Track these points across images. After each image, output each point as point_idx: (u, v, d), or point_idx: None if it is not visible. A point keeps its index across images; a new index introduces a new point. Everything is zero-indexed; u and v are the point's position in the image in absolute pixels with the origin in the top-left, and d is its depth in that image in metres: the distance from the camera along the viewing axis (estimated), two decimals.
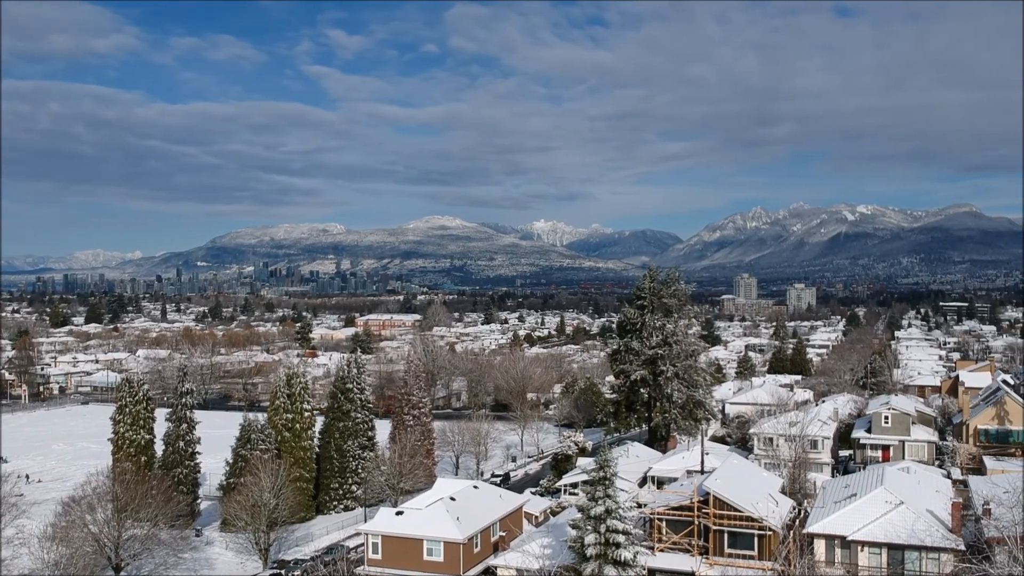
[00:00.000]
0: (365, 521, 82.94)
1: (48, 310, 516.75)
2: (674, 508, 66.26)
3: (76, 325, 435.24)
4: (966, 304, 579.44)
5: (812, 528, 63.12)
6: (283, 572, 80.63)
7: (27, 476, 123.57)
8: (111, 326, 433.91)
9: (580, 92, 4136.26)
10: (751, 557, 63.18)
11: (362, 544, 76.53)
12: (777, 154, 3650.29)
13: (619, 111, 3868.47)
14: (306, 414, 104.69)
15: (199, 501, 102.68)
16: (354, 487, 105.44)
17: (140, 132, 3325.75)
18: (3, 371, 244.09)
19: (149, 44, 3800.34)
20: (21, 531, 67.24)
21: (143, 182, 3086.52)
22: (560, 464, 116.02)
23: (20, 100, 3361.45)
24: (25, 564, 67.21)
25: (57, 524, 72.74)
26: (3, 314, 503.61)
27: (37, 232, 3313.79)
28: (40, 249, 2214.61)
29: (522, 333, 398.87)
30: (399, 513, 72.50)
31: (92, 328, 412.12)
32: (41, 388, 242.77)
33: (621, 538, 57.55)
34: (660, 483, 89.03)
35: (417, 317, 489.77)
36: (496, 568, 67.95)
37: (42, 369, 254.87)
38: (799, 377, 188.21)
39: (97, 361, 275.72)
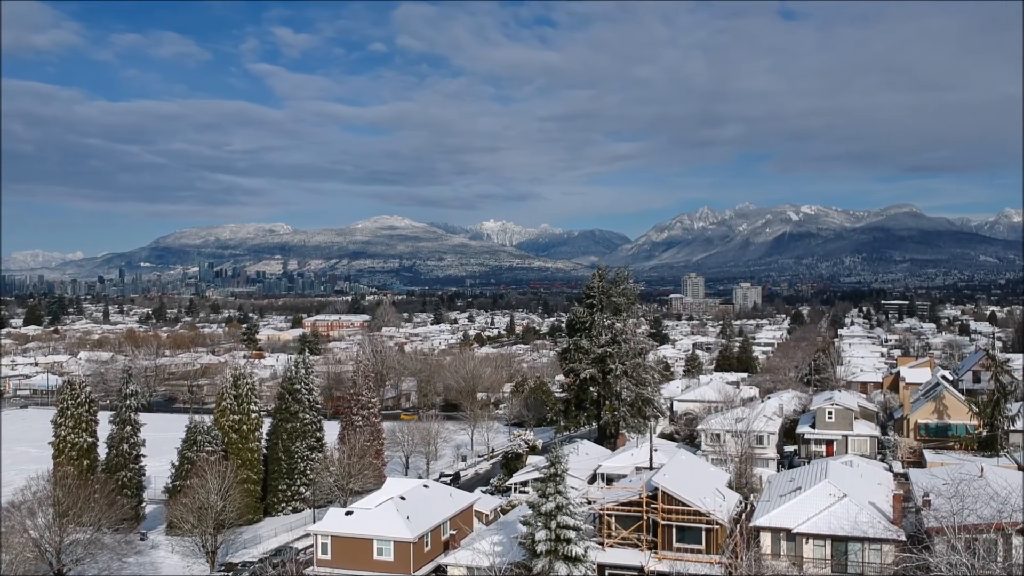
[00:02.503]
0: (314, 522, 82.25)
1: None
2: (623, 504, 66.83)
3: (14, 327, 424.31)
4: (907, 302, 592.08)
5: (758, 521, 64.07)
6: (231, 575, 79.67)
7: None
8: (51, 328, 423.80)
9: (529, 92, 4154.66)
10: (699, 551, 64.00)
11: (311, 545, 75.93)
12: (723, 155, 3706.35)
13: (568, 112, 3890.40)
14: (253, 415, 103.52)
15: (144, 504, 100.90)
16: (303, 488, 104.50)
17: (81, 130, 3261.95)
18: None
19: (90, 40, 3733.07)
20: None
21: (84, 181, 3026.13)
22: (510, 463, 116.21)
23: None
24: None
25: None
26: None
27: None
28: None
29: (472, 333, 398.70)
30: (349, 513, 72.09)
31: (31, 330, 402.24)
32: None
33: (572, 534, 57.86)
34: (610, 480, 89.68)
35: (366, 318, 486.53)
36: (447, 567, 67.87)
37: None
38: (745, 374, 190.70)
39: (37, 364, 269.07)
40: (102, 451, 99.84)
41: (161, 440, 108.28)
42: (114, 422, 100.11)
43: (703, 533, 64.35)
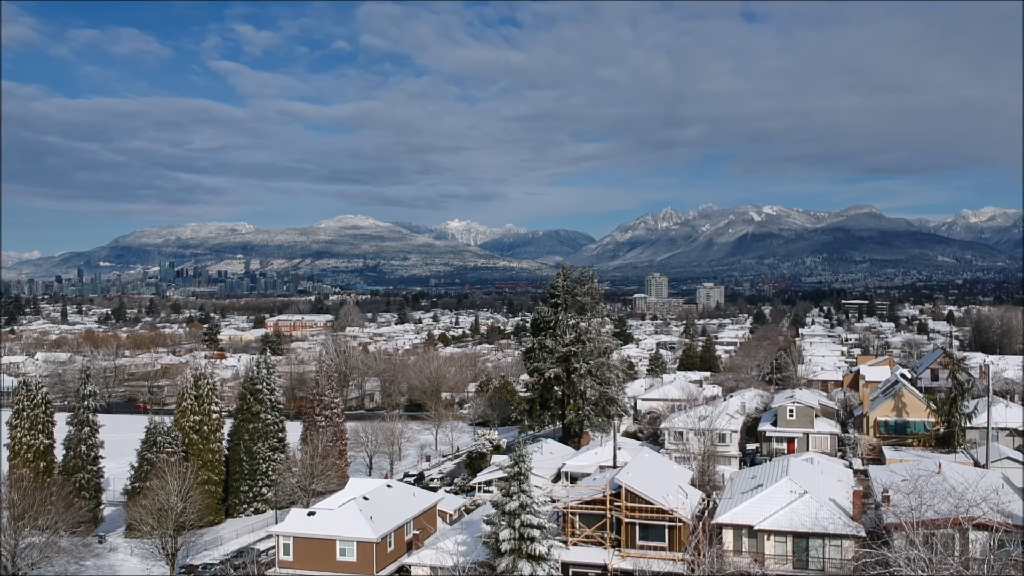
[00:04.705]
0: (276, 523, 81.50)
1: None
2: (587, 502, 66.97)
3: None
4: (866, 302, 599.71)
5: (721, 518, 64.49)
6: None
7: None
8: (7, 328, 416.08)
9: (494, 92, 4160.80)
10: (662, 548, 64.29)
11: (273, 546, 75.36)
12: (687, 156, 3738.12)
13: (532, 112, 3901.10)
14: (214, 416, 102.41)
15: (102, 507, 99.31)
16: (264, 489, 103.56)
17: (38, 127, 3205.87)
18: None
19: (47, 36, 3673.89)
20: None
21: (42, 180, 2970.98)
22: (475, 462, 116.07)
23: None
24: None
25: None
26: None
27: None
28: None
29: (436, 333, 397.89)
30: (311, 514, 71.58)
31: None
32: None
33: (536, 532, 57.86)
34: (574, 478, 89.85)
35: (329, 317, 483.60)
36: (410, 567, 67.61)
37: None
38: (708, 373, 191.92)
39: None
40: (59, 453, 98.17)
41: (120, 441, 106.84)
42: (72, 423, 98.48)
43: (666, 530, 64.65)
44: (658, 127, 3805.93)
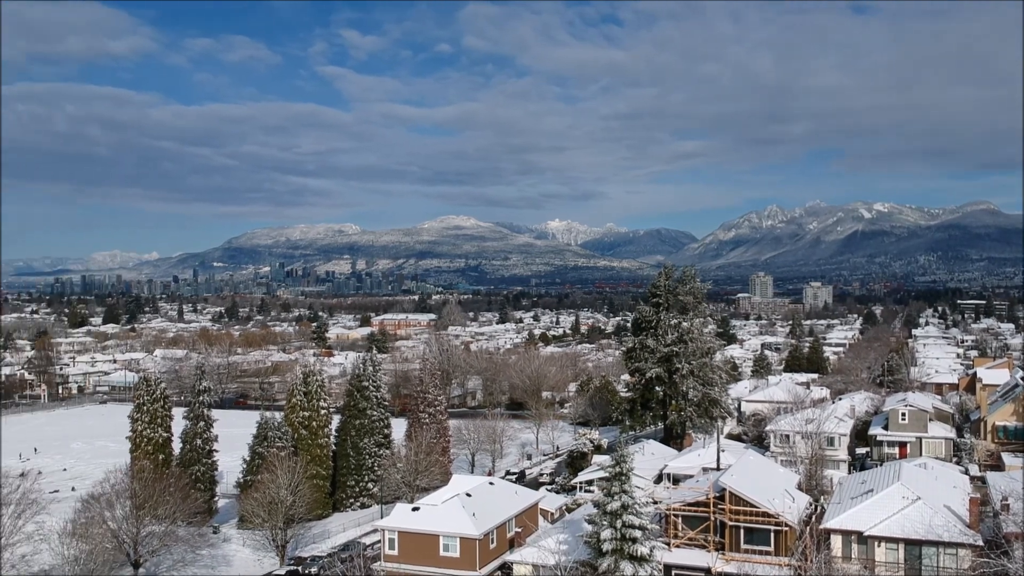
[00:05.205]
0: (382, 518, 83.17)
1: (66, 311, 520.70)
2: (690, 504, 66.27)
3: (94, 326, 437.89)
4: (984, 302, 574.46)
5: (829, 524, 62.95)
6: (300, 569, 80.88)
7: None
8: (128, 326, 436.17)
9: (594, 91, 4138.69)
10: (767, 553, 63.12)
11: (379, 540, 76.81)
12: (792, 152, 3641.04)
13: (632, 110, 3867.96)
14: (322, 412, 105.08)
15: (216, 498, 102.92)
16: (370, 484, 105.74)
17: (154, 134, 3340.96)
18: (22, 371, 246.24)
19: (164, 46, 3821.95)
20: (41, 527, 67.80)
21: (158, 183, 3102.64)
22: (575, 462, 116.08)
23: (36, 103, 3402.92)
24: (45, 560, 67.82)
25: (77, 521, 73.11)
26: (22, 315, 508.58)
27: (55, 234, 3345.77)
28: (58, 251, 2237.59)
29: (537, 332, 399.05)
30: (415, 509, 72.78)
31: (110, 328, 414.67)
32: (60, 388, 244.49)
33: (637, 533, 57.57)
34: (676, 480, 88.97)
35: (432, 317, 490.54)
36: (512, 564, 68.09)
37: (61, 369, 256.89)
38: (816, 375, 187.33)
39: (115, 361, 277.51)
40: (177, 446, 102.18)
41: (233, 436, 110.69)
42: (188, 418, 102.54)
43: (772, 535, 63.45)
44: (761, 123, 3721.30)
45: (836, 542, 62.20)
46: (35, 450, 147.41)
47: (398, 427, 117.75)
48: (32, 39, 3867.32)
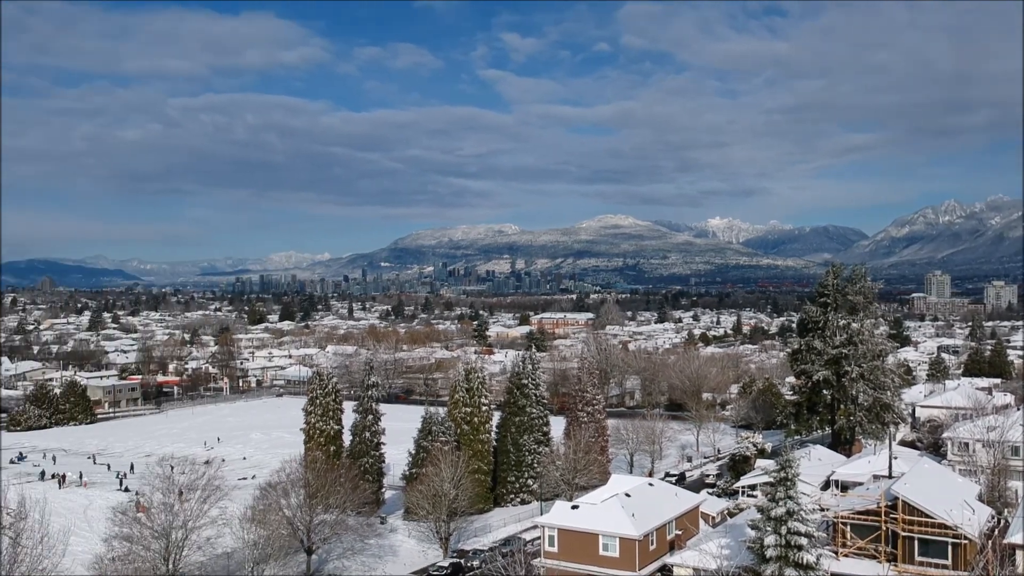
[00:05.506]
0: (541, 515, 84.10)
1: (246, 309, 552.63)
2: (860, 512, 63.78)
3: (271, 323, 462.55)
4: None
5: (1013, 538, 59.10)
6: (462, 562, 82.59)
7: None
8: (302, 324, 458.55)
9: (756, 85, 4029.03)
10: (944, 567, 59.99)
11: (538, 537, 77.72)
12: (971, 143, 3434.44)
13: (797, 102, 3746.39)
14: (484, 408, 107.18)
15: (384, 490, 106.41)
16: (530, 481, 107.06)
17: (326, 140, 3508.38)
18: (207, 365, 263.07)
19: (334, 55, 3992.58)
20: (224, 512, 72.13)
21: (330, 187, 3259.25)
22: (738, 465, 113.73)
23: (218, 113, 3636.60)
24: (227, 543, 71.97)
25: (255, 507, 77.30)
26: (207, 312, 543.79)
27: (236, 236, 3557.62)
28: (239, 252, 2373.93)
29: (697, 332, 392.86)
30: (575, 507, 73.21)
31: (285, 325, 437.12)
32: (240, 381, 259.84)
33: (803, 540, 55.89)
34: (844, 487, 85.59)
35: (590, 316, 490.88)
36: (672, 566, 67.51)
37: (241, 363, 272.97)
38: (998, 380, 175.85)
39: (290, 356, 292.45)
40: (347, 438, 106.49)
41: (398, 430, 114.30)
42: (357, 411, 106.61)
43: (949, 547, 60.21)
44: (937, 113, 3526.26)
45: (1021, 558, 58.35)
46: (218, 439, 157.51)
47: (557, 425, 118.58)
48: (216, 53, 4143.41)
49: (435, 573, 79.89)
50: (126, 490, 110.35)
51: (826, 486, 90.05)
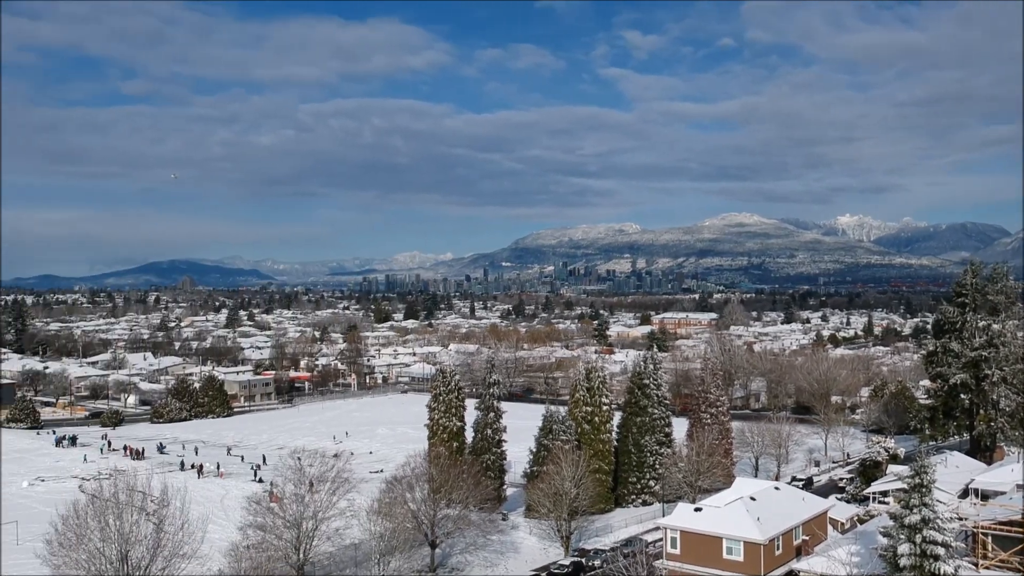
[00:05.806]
0: (663, 516, 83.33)
1: (373, 307, 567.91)
2: (1002, 523, 60.67)
3: (396, 321, 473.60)
4: None
5: None
6: (583, 560, 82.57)
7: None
8: (426, 322, 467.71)
9: (888, 77, 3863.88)
10: None
11: (660, 539, 77.00)
12: None
13: (932, 94, 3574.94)
14: (604, 408, 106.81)
15: (505, 487, 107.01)
16: (651, 482, 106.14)
17: (449, 142, 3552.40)
18: (335, 361, 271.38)
19: (457, 58, 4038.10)
20: (352, 504, 74.33)
21: (453, 188, 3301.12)
22: (868, 470, 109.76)
23: (347, 118, 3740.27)
24: (355, 534, 74.20)
25: (382, 500, 79.34)
26: (335, 311, 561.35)
27: (363, 237, 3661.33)
28: (366, 252, 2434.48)
29: (825, 333, 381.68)
30: (698, 510, 72.30)
31: (410, 324, 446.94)
32: (367, 377, 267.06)
33: (940, 550, 53.60)
34: (984, 496, 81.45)
35: (713, 316, 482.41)
36: (799, 572, 65.90)
37: (368, 360, 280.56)
38: None
39: (414, 354, 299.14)
40: (469, 435, 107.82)
41: (519, 428, 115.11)
42: (479, 408, 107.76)
43: None
44: None
45: None
46: (346, 434, 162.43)
47: (679, 426, 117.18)
48: (344, 59, 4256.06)
49: (557, 571, 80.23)
50: (260, 481, 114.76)
51: (964, 494, 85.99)
